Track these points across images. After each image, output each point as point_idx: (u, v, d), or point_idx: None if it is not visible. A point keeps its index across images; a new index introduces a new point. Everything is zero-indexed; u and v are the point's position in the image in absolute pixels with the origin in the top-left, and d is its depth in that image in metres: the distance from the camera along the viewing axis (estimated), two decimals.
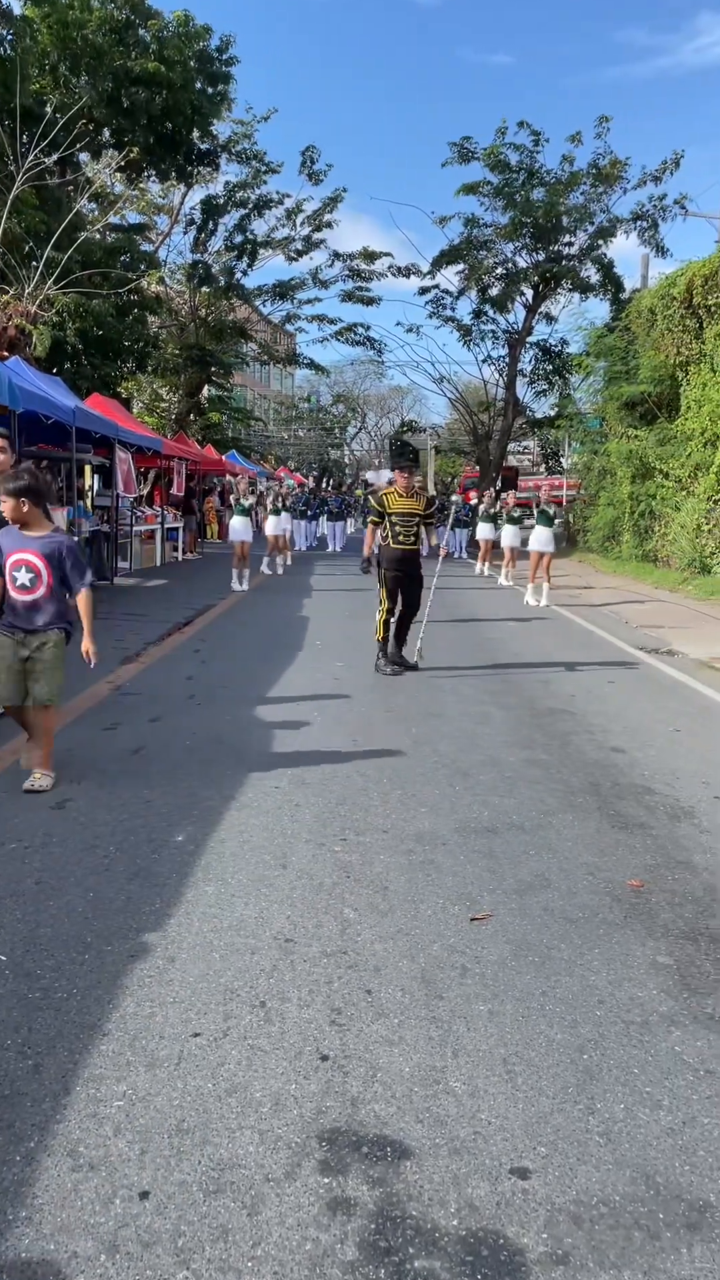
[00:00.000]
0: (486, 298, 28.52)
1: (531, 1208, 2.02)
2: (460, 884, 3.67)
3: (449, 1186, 2.07)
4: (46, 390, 11.88)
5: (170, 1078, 2.42)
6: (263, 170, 26.87)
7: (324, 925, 3.28)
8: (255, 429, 47.86)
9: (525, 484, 36.33)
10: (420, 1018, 2.73)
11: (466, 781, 5.00)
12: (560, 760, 5.49)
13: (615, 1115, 2.33)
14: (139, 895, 3.46)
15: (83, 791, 4.61)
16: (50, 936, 3.13)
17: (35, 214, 16.16)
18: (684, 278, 17.35)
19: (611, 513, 20.92)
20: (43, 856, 3.80)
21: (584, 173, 25.54)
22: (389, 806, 4.55)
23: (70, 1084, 2.38)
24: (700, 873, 3.88)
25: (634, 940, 3.26)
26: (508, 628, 11.41)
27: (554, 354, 29.31)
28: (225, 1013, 2.72)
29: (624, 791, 4.93)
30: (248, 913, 3.36)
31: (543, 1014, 2.77)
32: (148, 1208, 1.98)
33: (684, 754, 5.73)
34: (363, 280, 29.65)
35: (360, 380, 59.67)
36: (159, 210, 27.69)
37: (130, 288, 17.93)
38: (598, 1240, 1.94)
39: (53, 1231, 1.92)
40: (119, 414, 16.95)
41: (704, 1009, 2.83)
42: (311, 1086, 2.40)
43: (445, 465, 54.54)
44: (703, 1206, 2.04)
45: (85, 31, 17.67)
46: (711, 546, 15.88)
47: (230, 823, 4.25)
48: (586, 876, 3.80)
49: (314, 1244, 1.90)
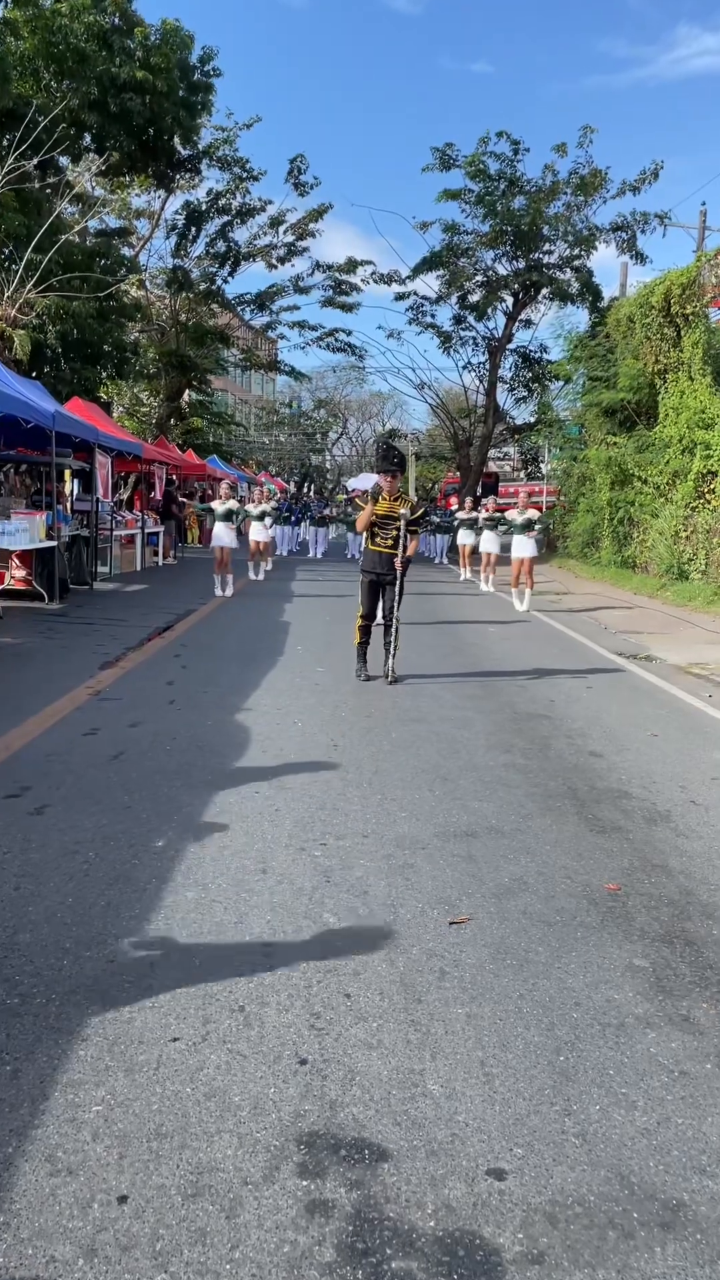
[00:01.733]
0: (467, 304, 28.67)
1: (508, 1208, 2.04)
2: (439, 888, 3.69)
3: (426, 1188, 2.09)
4: (26, 394, 11.83)
5: (149, 1082, 2.42)
6: (245, 177, 26.89)
7: (304, 930, 3.29)
8: (237, 434, 47.81)
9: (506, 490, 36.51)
10: (399, 1021, 2.74)
11: (446, 786, 5.02)
12: (539, 764, 5.53)
13: (591, 1116, 2.36)
14: (119, 900, 3.46)
15: (62, 797, 4.59)
16: (29, 942, 3.12)
17: (15, 216, 16.10)
18: (662, 287, 17.53)
19: (591, 519, 21.07)
20: (21, 862, 3.78)
21: (565, 182, 25.73)
22: (369, 811, 4.56)
23: (48, 1089, 2.37)
24: (676, 876, 3.92)
25: (611, 943, 3.29)
26: (488, 633, 11.46)
27: (534, 361, 29.51)
28: (204, 1017, 2.72)
29: (602, 795, 4.97)
30: (227, 917, 3.36)
31: (520, 1016, 2.80)
32: (126, 1211, 1.99)
33: (660, 758, 5.79)
34: (344, 292, 29.72)
35: (341, 386, 59.87)
36: (139, 215, 27.65)
37: (110, 292, 17.89)
38: (573, 1240, 1.96)
39: (30, 1236, 1.92)
40: (99, 418, 16.91)
41: (679, 1011, 2.86)
42: (290, 1090, 2.41)
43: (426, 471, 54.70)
44: (676, 1205, 2.07)
45: (70, 37, 17.63)
46: (689, 553, 16.02)
47: (210, 828, 4.25)
48: (564, 880, 3.83)
49: (292, 1246, 1.91)
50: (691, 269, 17.37)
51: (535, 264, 27.14)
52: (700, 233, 25.03)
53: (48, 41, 17.63)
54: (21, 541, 12.04)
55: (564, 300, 27.26)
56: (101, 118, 18.85)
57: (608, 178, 25.37)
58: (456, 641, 10.59)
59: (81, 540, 15.14)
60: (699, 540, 15.70)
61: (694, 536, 15.90)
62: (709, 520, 15.33)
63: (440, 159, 26.61)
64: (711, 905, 3.63)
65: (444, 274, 28.23)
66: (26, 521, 12.18)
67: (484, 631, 11.56)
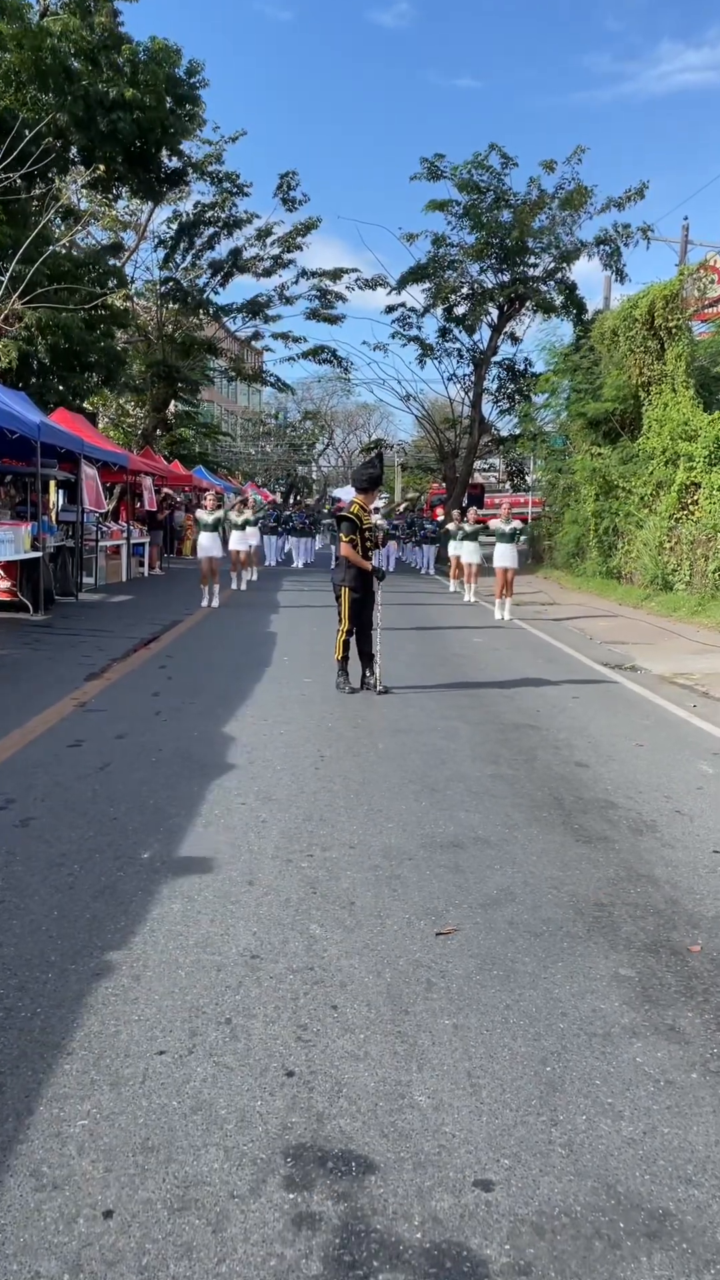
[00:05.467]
0: (452, 316, 28.84)
1: (494, 1219, 2.04)
2: (426, 898, 3.69)
3: (413, 1200, 2.09)
4: (11, 405, 11.81)
5: (135, 1096, 2.41)
6: (233, 192, 27.01)
7: (290, 941, 3.29)
8: (223, 444, 47.84)
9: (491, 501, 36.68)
10: (386, 1032, 2.74)
11: (433, 796, 5.03)
12: (525, 775, 5.54)
13: (577, 1126, 2.36)
14: (104, 913, 3.45)
15: (47, 809, 4.57)
16: (14, 955, 3.11)
17: (2, 229, 16.10)
18: (646, 300, 17.69)
19: (576, 530, 21.19)
20: (5, 875, 3.76)
21: (551, 197, 25.95)
22: (355, 822, 4.56)
23: (33, 1104, 2.36)
24: (662, 885, 3.94)
25: (597, 953, 3.30)
26: (474, 643, 11.49)
27: (518, 373, 29.69)
28: (191, 1030, 2.71)
29: (587, 805, 4.99)
30: (214, 929, 3.35)
31: (507, 1027, 2.80)
32: (112, 1226, 1.98)
33: (646, 768, 5.81)
34: (328, 299, 29.84)
35: (328, 397, 60.08)
36: (126, 226, 27.69)
37: (97, 303, 17.89)
38: (559, 1250, 1.96)
39: (15, 1252, 1.90)
40: (85, 429, 16.89)
41: (664, 1020, 2.87)
42: (277, 1103, 2.41)
43: (412, 482, 54.88)
44: (663, 1215, 2.07)
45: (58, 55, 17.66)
46: (673, 563, 16.13)
47: (197, 839, 4.24)
48: (551, 890, 3.84)
49: (279, 1260, 1.91)
50: (674, 283, 17.53)
51: (520, 277, 27.35)
52: (682, 246, 25.27)
53: (36, 58, 17.66)
54: (6, 552, 12.00)
55: (548, 313, 27.46)
56: (89, 136, 18.90)
57: (592, 194, 25.61)
58: (443, 651, 10.61)
59: (67, 551, 15.10)
60: (683, 551, 15.81)
61: (678, 547, 16.02)
62: (693, 531, 15.44)
63: (429, 170, 26.79)
64: (697, 915, 3.65)
65: (430, 287, 28.39)
66: (11, 532, 12.14)
67: (470, 642, 11.59)
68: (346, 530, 8.00)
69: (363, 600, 8.01)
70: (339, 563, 8.15)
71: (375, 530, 8.26)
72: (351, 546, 7.93)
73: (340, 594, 8.00)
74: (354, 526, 7.96)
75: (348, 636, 8.01)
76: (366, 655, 8.06)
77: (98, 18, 18.83)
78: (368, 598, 8.05)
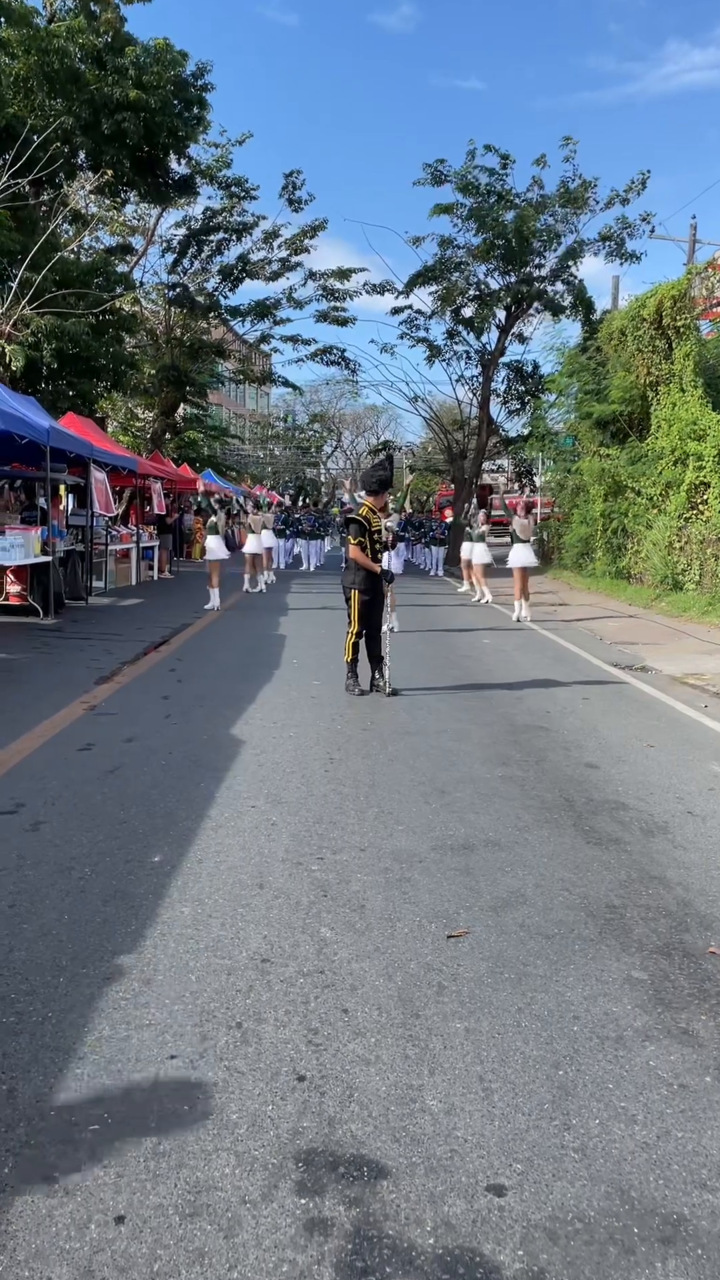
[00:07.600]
0: (460, 319, 28.80)
1: (508, 1225, 2.03)
2: (437, 901, 3.68)
3: (425, 1205, 2.08)
4: (21, 410, 11.85)
5: (146, 1100, 2.40)
6: (241, 196, 27.07)
7: (301, 945, 3.28)
8: (232, 447, 47.91)
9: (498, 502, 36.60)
10: (397, 1036, 2.73)
11: (443, 799, 5.02)
12: (536, 776, 5.52)
13: (591, 1130, 2.35)
14: (115, 917, 3.45)
15: (57, 813, 4.58)
16: (25, 960, 3.11)
17: (10, 235, 16.17)
18: (654, 299, 17.62)
19: (585, 530, 21.13)
20: (16, 879, 3.77)
21: (553, 197, 25.90)
22: (366, 824, 4.56)
23: (45, 1108, 2.36)
24: (674, 887, 3.92)
25: (609, 955, 3.28)
26: (484, 644, 11.47)
27: (526, 375, 29.64)
28: (202, 1034, 2.71)
29: (598, 807, 4.97)
30: (224, 933, 3.35)
31: (519, 1030, 2.78)
32: (123, 1232, 1.97)
33: (657, 769, 5.79)
34: (337, 299, 29.84)
35: (336, 400, 60.10)
36: (133, 231, 27.77)
37: (105, 308, 17.95)
38: (573, 1256, 1.95)
39: (27, 1258, 1.90)
40: (94, 433, 16.93)
41: (678, 1023, 2.85)
42: (288, 1107, 2.40)
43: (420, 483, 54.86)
44: (677, 1220, 2.06)
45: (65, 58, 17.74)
46: (683, 563, 16.07)
47: (207, 842, 4.24)
48: (562, 892, 3.82)
49: (291, 1265, 1.90)
50: (682, 282, 17.48)
51: (526, 277, 27.30)
52: (690, 245, 25.21)
53: (43, 62, 17.73)
54: (16, 557, 12.05)
55: (556, 312, 27.40)
56: (95, 140, 18.96)
57: (595, 188, 25.53)
58: (453, 653, 10.59)
59: (76, 555, 15.14)
60: (693, 551, 15.75)
61: (688, 547, 15.95)
62: (702, 531, 15.38)
63: (432, 175, 26.77)
64: (709, 917, 3.63)
65: (437, 289, 28.37)
66: (21, 537, 12.18)
67: (480, 643, 11.57)
68: (354, 533, 8.01)
69: (371, 602, 8.02)
70: (348, 565, 8.15)
71: (384, 532, 8.26)
72: (360, 549, 7.94)
73: (349, 596, 8.01)
74: (362, 529, 7.97)
75: (357, 639, 8.01)
76: (376, 657, 8.05)
77: (104, 15, 18.87)
78: (376, 600, 8.06)
